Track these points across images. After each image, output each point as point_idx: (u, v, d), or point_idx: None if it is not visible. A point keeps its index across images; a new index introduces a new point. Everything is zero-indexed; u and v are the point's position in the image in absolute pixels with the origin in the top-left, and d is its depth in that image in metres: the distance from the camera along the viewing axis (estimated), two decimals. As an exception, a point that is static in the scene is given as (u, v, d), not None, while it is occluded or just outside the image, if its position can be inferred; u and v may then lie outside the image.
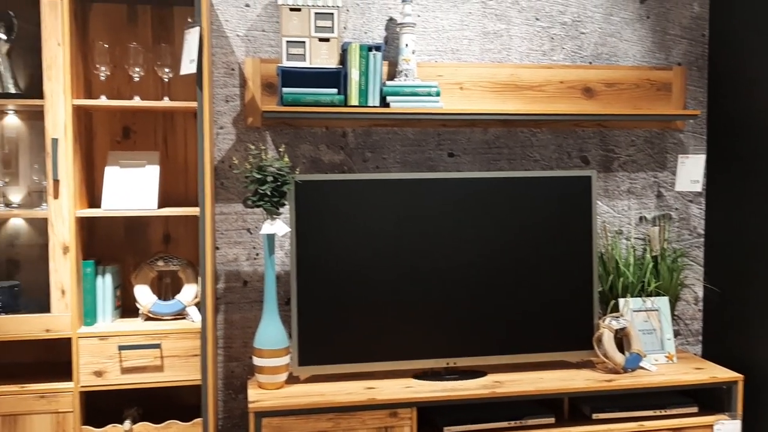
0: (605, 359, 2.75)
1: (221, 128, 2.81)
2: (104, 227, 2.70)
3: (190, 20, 2.45)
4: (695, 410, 2.73)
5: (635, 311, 2.91)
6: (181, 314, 2.58)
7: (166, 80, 2.58)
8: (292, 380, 2.65)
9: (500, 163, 3.02)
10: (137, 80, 2.58)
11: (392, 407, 2.49)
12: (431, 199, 2.71)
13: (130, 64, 2.54)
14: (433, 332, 2.73)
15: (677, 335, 3.20)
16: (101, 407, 2.60)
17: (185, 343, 2.46)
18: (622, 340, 2.83)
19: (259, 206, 2.52)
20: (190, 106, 2.48)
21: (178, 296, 2.59)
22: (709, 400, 2.78)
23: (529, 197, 2.77)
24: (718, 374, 2.74)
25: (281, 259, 2.86)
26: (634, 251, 3.07)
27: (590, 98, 3.03)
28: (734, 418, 2.70)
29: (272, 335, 2.55)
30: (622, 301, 2.90)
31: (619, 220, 3.14)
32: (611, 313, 2.89)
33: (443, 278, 2.73)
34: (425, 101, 2.72)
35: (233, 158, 2.81)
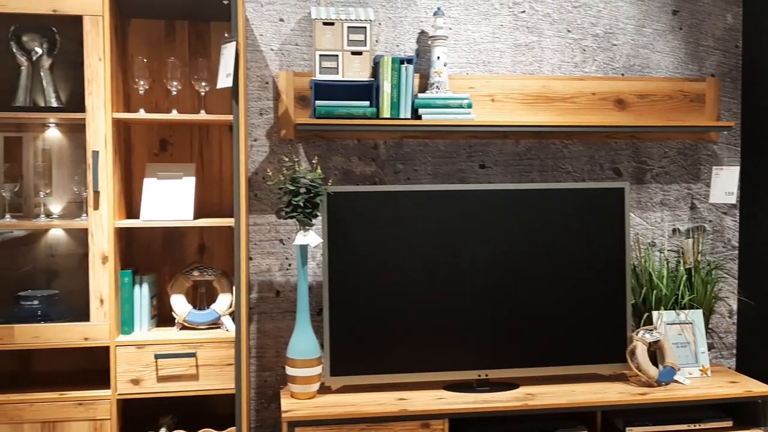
0: (638, 372, 2.73)
1: (255, 140, 2.86)
2: (141, 237, 2.75)
3: (226, 35, 2.49)
4: (730, 424, 2.70)
5: (669, 324, 2.88)
6: (215, 323, 2.62)
7: (202, 94, 2.63)
8: (323, 390, 2.67)
9: (532, 174, 3.02)
10: (175, 94, 2.64)
11: (424, 418, 2.50)
12: (463, 210, 2.72)
13: (168, 78, 2.59)
14: (464, 343, 2.73)
15: (711, 348, 3.16)
16: (137, 415, 2.64)
17: (220, 352, 2.50)
18: (655, 353, 2.80)
19: (292, 217, 2.56)
20: (226, 119, 2.53)
21: (213, 306, 2.63)
22: (743, 414, 2.74)
23: (561, 209, 2.77)
24: (752, 388, 2.70)
25: (313, 269, 2.89)
26: (667, 264, 3.05)
27: (622, 110, 3.03)
28: (771, 433, 2.66)
29: (305, 345, 2.57)
30: (655, 313, 2.88)
31: (652, 232, 3.12)
32: (644, 325, 2.86)
33: (475, 289, 2.73)
34: (457, 113, 2.74)
35: (267, 170, 2.85)
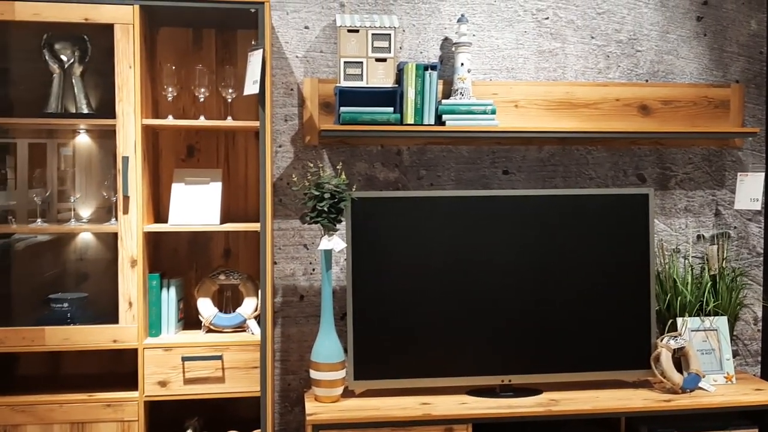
0: (663, 379, 2.72)
1: (280, 146, 2.89)
2: (169, 242, 2.80)
3: (253, 43, 2.54)
4: (756, 433, 2.68)
5: (693, 331, 2.86)
6: (241, 327, 2.65)
7: (229, 100, 2.67)
8: (347, 394, 2.69)
9: (555, 180, 3.03)
10: (202, 101, 2.68)
11: (448, 423, 2.51)
12: (486, 216, 2.73)
13: (195, 85, 2.64)
14: (487, 349, 2.74)
15: (736, 356, 3.14)
16: (163, 417, 2.67)
17: (245, 355, 2.53)
18: (680, 359, 2.79)
19: (316, 222, 2.58)
20: (252, 125, 2.57)
21: (238, 309, 2.67)
22: (771, 423, 2.72)
23: (585, 215, 2.77)
24: (780, 396, 2.68)
25: (336, 274, 2.91)
26: (692, 270, 3.03)
27: (646, 116, 3.02)
28: (798, 442, 2.64)
29: (329, 349, 2.60)
30: (680, 320, 2.87)
31: (676, 238, 3.11)
32: (669, 332, 2.85)
33: (498, 295, 2.74)
34: (481, 119, 2.75)
35: (292, 175, 2.88)
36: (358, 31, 2.71)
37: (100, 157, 2.75)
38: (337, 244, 2.60)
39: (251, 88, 2.49)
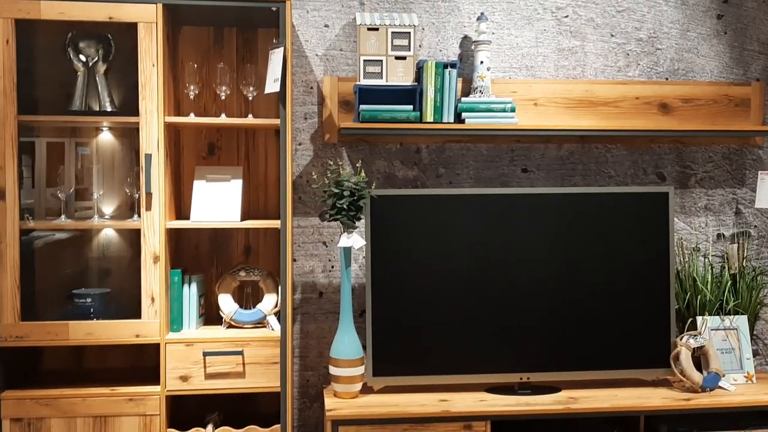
0: (682, 378, 2.71)
1: (300, 144, 2.91)
2: (190, 238, 2.82)
3: (275, 41, 2.56)
4: (777, 433, 2.66)
5: (713, 330, 2.85)
6: (261, 323, 2.67)
7: (250, 98, 2.69)
8: (365, 390, 2.70)
9: (574, 179, 3.02)
10: (224, 99, 2.70)
11: (466, 420, 2.52)
12: (505, 214, 2.74)
13: (217, 83, 2.66)
14: (506, 347, 2.74)
15: (756, 355, 3.12)
16: (184, 411, 2.70)
17: (266, 350, 2.55)
18: (699, 358, 2.78)
19: (336, 220, 2.60)
20: (273, 123, 2.59)
21: (258, 305, 2.69)
22: (792, 423, 2.70)
23: (604, 213, 2.77)
24: (801, 396, 2.67)
25: (355, 271, 2.93)
26: (711, 269, 3.02)
27: (666, 114, 3.01)
28: (819, 442, 2.62)
29: (348, 346, 2.61)
30: (699, 319, 2.86)
31: (696, 237, 3.10)
32: (688, 331, 2.84)
33: (517, 293, 2.74)
34: (500, 117, 2.76)
35: (312, 173, 2.90)
36: (377, 29, 2.72)
37: (122, 154, 2.78)
38: (356, 241, 2.62)
39: (272, 86, 2.51)
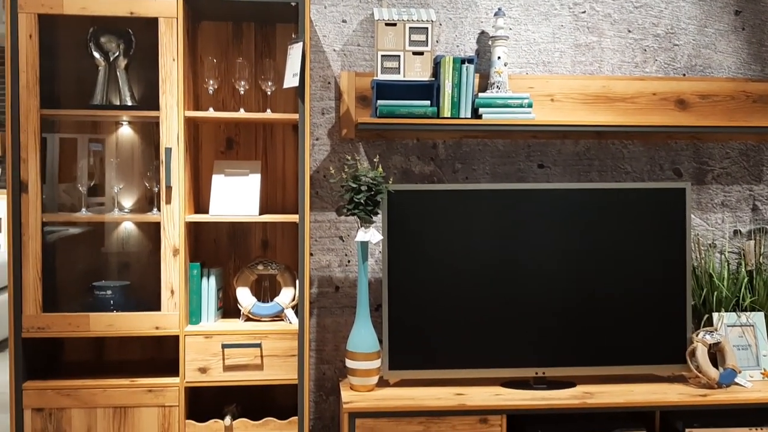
0: (698, 374, 2.71)
1: (317, 139, 2.93)
2: (208, 232, 2.85)
3: (293, 36, 2.57)
4: (794, 430, 2.66)
5: (729, 326, 2.85)
6: (278, 316, 2.70)
7: (269, 93, 2.71)
8: (381, 383, 2.72)
9: (591, 174, 3.03)
10: (242, 93, 2.73)
11: (482, 414, 2.53)
12: (522, 209, 2.75)
13: (236, 78, 2.68)
14: (521, 341, 2.75)
15: (773, 353, 3.11)
16: (202, 403, 2.73)
17: (283, 343, 2.57)
18: (715, 355, 2.78)
19: (353, 214, 2.62)
20: (291, 117, 2.61)
21: (276, 299, 2.71)
22: (808, 419, 2.70)
23: (621, 209, 2.77)
24: (818, 393, 2.66)
25: (371, 266, 2.94)
26: (728, 265, 3.02)
27: (683, 110, 3.01)
28: (837, 439, 2.61)
29: (365, 339, 2.63)
30: (716, 315, 2.85)
31: (712, 233, 3.09)
32: (704, 327, 2.84)
33: (533, 287, 2.75)
34: (517, 113, 2.76)
35: (329, 168, 2.92)
36: (395, 24, 2.74)
37: (141, 148, 2.81)
38: (373, 236, 2.63)
39: (291, 81, 2.53)
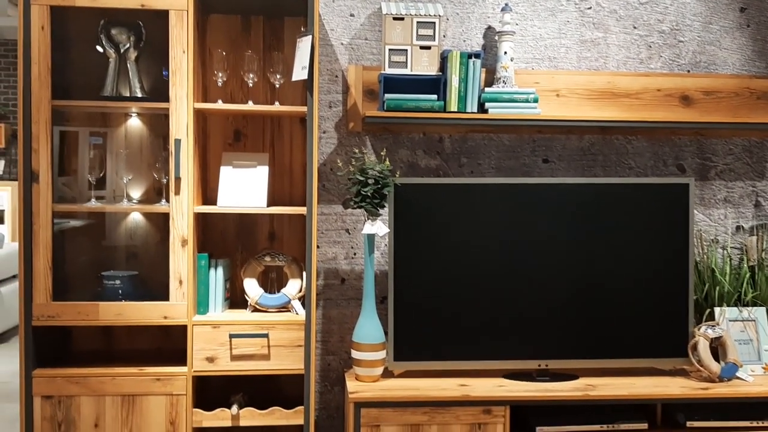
0: (700, 367, 2.74)
1: (324, 132, 2.96)
2: (216, 223, 2.88)
3: (303, 29, 2.60)
4: (794, 423, 2.69)
5: (731, 321, 2.88)
6: (285, 307, 2.73)
7: (277, 86, 2.74)
8: (386, 375, 2.75)
9: (595, 170, 3.05)
10: (251, 86, 2.75)
11: (486, 404, 2.56)
12: (526, 203, 2.77)
13: (244, 70, 2.71)
14: (524, 334, 2.78)
15: (774, 348, 3.14)
16: (210, 392, 2.76)
17: (290, 334, 2.60)
18: (717, 349, 2.81)
19: (360, 207, 2.64)
20: (300, 110, 2.63)
21: (283, 290, 2.74)
22: (808, 413, 2.73)
23: (624, 204, 2.80)
24: (818, 388, 2.69)
25: (376, 258, 2.97)
26: (730, 260, 3.05)
27: (688, 106, 3.03)
28: (836, 433, 2.65)
29: (370, 330, 2.66)
30: (718, 310, 2.88)
31: (714, 228, 3.12)
32: (706, 321, 2.87)
33: (536, 281, 2.78)
34: (523, 108, 2.79)
35: (336, 161, 2.94)
36: (403, 18, 2.76)
37: (150, 140, 2.83)
38: (380, 228, 2.66)
39: (300, 73, 2.55)
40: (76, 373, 2.54)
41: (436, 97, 2.76)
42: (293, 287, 2.74)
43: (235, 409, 2.61)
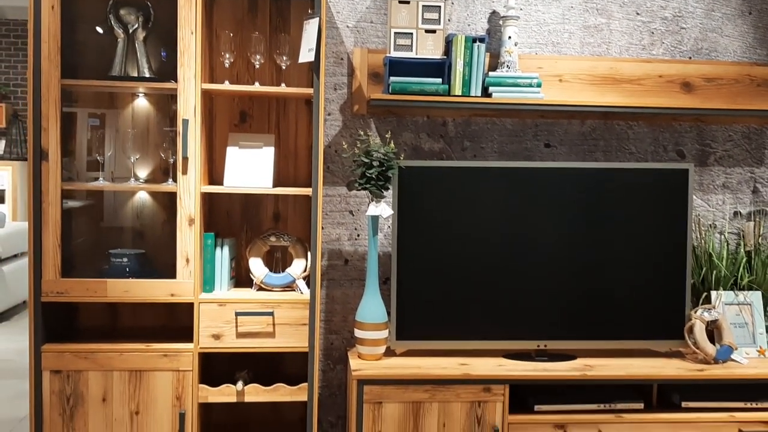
0: (696, 350, 2.80)
1: (329, 115, 2.99)
2: (222, 204, 2.91)
3: (310, 11, 2.62)
4: (787, 405, 2.75)
5: (727, 304, 2.93)
6: (290, 286, 2.77)
7: (283, 68, 2.76)
8: (388, 353, 2.80)
9: (596, 154, 3.09)
10: (258, 67, 2.77)
11: (486, 383, 2.61)
12: (527, 187, 2.81)
13: (251, 52, 2.73)
14: (524, 315, 2.83)
15: (768, 331, 3.20)
16: (215, 368, 2.82)
17: (295, 312, 2.65)
18: (712, 332, 2.86)
19: (365, 189, 2.68)
20: (306, 92, 2.66)
21: (288, 270, 2.78)
22: (801, 395, 2.79)
23: (624, 189, 2.84)
24: (811, 370, 2.74)
25: (380, 240, 3.01)
26: (727, 245, 3.09)
27: (689, 93, 3.06)
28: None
29: (373, 310, 2.71)
30: (714, 293, 2.93)
31: (713, 214, 3.17)
32: (703, 305, 2.92)
33: (537, 263, 2.83)
34: (526, 92, 2.82)
35: (341, 143, 2.98)
36: (408, 2, 2.78)
37: (156, 120, 2.86)
38: (384, 210, 2.70)
39: (307, 55, 2.58)
40: (84, 348, 2.59)
41: (440, 80, 2.79)
42: (298, 267, 2.78)
43: (240, 385, 2.66)
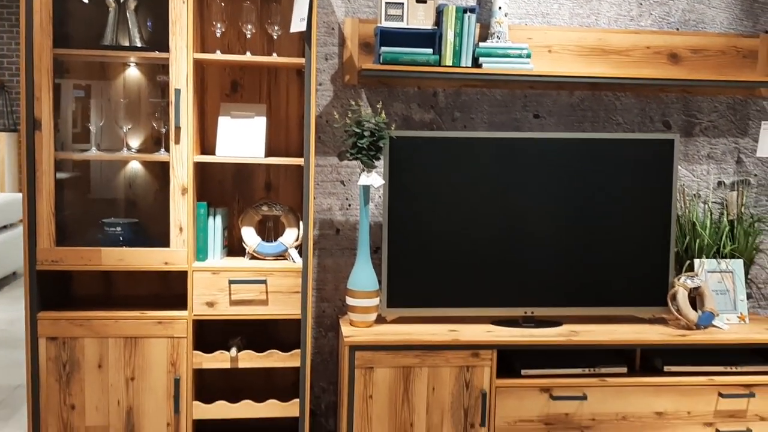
0: (678, 316, 2.87)
1: (320, 84, 3.00)
2: (214, 173, 2.94)
3: (301, -19, 2.62)
4: (766, 369, 2.83)
5: (710, 272, 3.01)
6: (282, 255, 2.81)
7: (275, 37, 2.77)
8: (379, 321, 2.86)
9: (584, 125, 3.13)
10: (249, 37, 2.78)
11: (474, 348, 2.68)
12: (516, 157, 2.85)
13: (243, 21, 2.74)
14: (512, 282, 2.89)
15: (749, 298, 3.28)
16: (209, 336, 2.87)
17: (288, 281, 2.69)
18: (695, 299, 2.94)
19: (356, 159, 2.71)
20: (297, 61, 2.67)
21: (280, 239, 2.82)
22: (779, 360, 2.88)
23: (611, 158, 2.89)
24: (789, 335, 2.83)
25: (371, 210, 3.05)
26: (711, 215, 3.16)
27: (676, 64, 3.10)
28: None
29: (365, 278, 2.76)
30: (697, 261, 3.01)
31: (697, 183, 3.23)
32: (686, 272, 2.99)
33: (524, 232, 2.88)
34: (516, 63, 2.84)
35: (333, 113, 3.00)
36: (399, -28, 2.79)
37: (149, 90, 2.87)
38: (375, 180, 2.73)
39: (298, 25, 2.59)
40: (79, 315, 2.62)
41: (431, 51, 2.80)
42: (290, 236, 2.82)
43: (234, 351, 2.71)
